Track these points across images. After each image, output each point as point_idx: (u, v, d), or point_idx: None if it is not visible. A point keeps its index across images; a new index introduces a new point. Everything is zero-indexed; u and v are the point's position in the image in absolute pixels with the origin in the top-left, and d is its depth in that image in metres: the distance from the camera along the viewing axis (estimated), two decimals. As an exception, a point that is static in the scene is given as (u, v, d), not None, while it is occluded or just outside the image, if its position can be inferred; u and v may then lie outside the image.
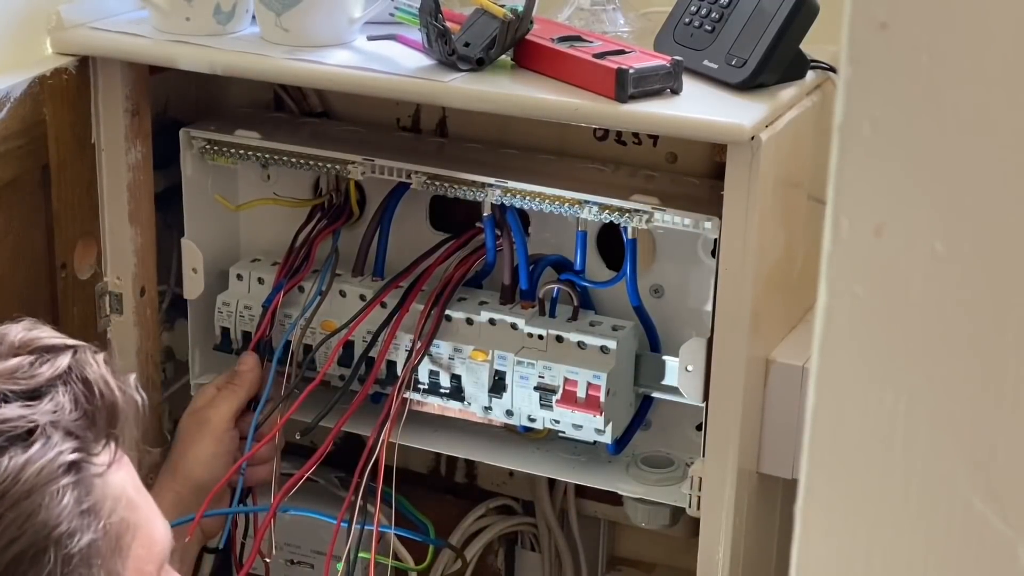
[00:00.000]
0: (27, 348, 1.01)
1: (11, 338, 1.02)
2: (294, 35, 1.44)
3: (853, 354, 0.56)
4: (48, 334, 1.03)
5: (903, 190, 0.54)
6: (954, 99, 0.52)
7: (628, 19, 1.51)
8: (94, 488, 0.98)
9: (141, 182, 1.55)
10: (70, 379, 0.99)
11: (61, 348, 1.01)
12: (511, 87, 1.36)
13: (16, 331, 1.02)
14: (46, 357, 1.00)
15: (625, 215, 1.38)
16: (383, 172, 1.48)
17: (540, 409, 1.44)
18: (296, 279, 1.54)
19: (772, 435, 1.40)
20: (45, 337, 1.02)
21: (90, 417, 0.99)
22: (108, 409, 1.00)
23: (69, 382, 0.99)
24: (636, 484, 1.47)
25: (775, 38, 1.33)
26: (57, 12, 1.47)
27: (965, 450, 0.54)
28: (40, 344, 1.01)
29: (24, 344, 1.01)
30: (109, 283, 1.57)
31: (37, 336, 1.02)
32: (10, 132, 1.41)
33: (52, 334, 1.03)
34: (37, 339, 1.02)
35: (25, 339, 1.01)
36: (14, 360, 1.00)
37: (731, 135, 1.28)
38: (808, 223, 1.42)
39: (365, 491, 1.45)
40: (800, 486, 0.58)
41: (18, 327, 1.03)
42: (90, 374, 1.00)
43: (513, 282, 1.48)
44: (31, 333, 1.02)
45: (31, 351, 1.00)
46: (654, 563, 1.77)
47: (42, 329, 1.03)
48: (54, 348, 1.01)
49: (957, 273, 0.53)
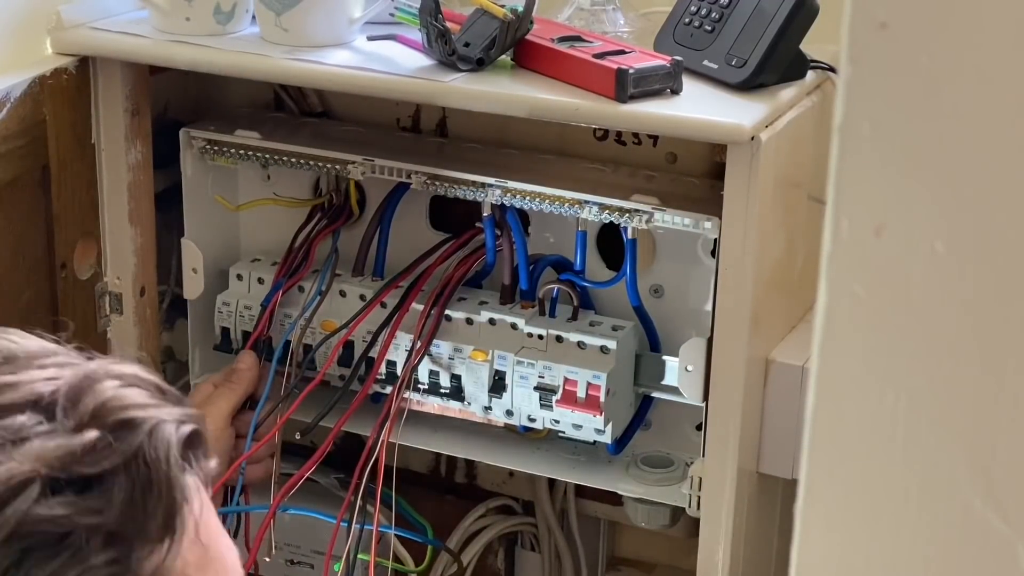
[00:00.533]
0: (104, 417, 0.83)
1: (95, 400, 0.83)
2: (294, 35, 1.44)
3: (853, 354, 0.56)
4: (133, 397, 0.85)
5: (903, 190, 0.54)
6: (954, 99, 0.52)
7: (628, 19, 1.51)
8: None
9: (141, 182, 1.55)
10: (134, 465, 0.82)
11: (140, 423, 0.83)
12: (511, 87, 1.36)
13: (102, 391, 0.84)
14: (121, 434, 0.82)
15: (625, 215, 1.38)
16: (383, 172, 1.48)
17: (540, 409, 1.44)
18: (296, 279, 1.54)
19: (772, 435, 1.40)
20: (129, 403, 0.84)
21: (143, 514, 0.82)
22: (167, 502, 0.83)
23: (131, 468, 0.82)
24: (636, 484, 1.47)
25: (775, 38, 1.33)
26: (57, 12, 1.47)
27: (965, 450, 0.54)
28: (119, 418, 0.83)
29: (103, 411, 0.83)
30: (109, 283, 1.57)
31: (120, 400, 0.84)
32: (10, 132, 1.41)
33: (136, 398, 0.85)
34: (118, 406, 0.84)
35: (107, 404, 0.84)
36: (88, 436, 0.81)
37: (731, 135, 1.28)
38: (808, 223, 1.42)
39: (365, 491, 1.45)
40: (800, 486, 0.58)
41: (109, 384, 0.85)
42: (159, 455, 0.83)
43: (513, 282, 1.48)
44: (117, 393, 0.84)
45: (108, 426, 0.83)
46: (654, 563, 1.77)
47: (129, 388, 0.85)
48: (132, 423, 0.83)
49: (957, 273, 0.53)
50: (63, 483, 0.80)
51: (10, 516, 0.78)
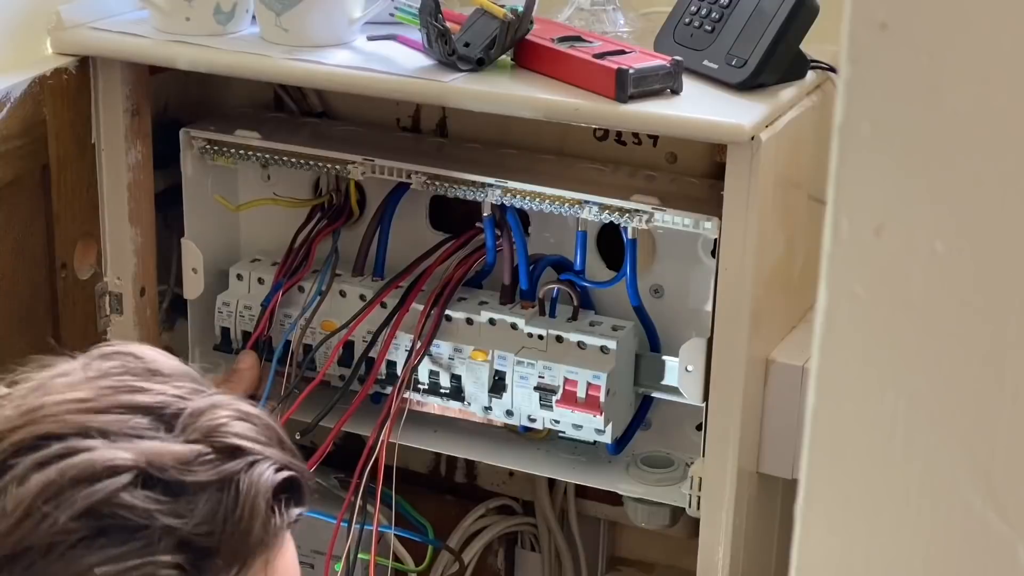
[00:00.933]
0: (214, 438, 0.88)
1: (211, 422, 0.88)
2: (294, 35, 1.44)
3: (853, 354, 0.56)
4: (247, 431, 0.90)
5: (903, 190, 0.54)
6: (954, 99, 0.52)
7: (628, 19, 1.51)
8: None
9: (141, 182, 1.55)
10: (226, 487, 0.86)
11: (245, 452, 0.88)
12: (511, 87, 1.36)
13: (221, 417, 0.89)
14: (223, 457, 0.87)
15: (625, 215, 1.38)
16: (383, 172, 1.48)
17: (540, 409, 1.44)
18: (296, 279, 1.54)
19: (772, 435, 1.40)
20: (242, 434, 0.89)
21: (220, 538, 0.85)
22: (246, 531, 0.87)
23: (223, 489, 0.86)
24: (636, 484, 1.47)
25: (775, 38, 1.33)
26: (57, 12, 1.47)
27: (965, 450, 0.54)
28: (227, 443, 0.88)
29: (215, 433, 0.88)
30: (109, 283, 1.57)
31: (233, 429, 0.89)
32: (10, 132, 1.41)
33: (250, 433, 0.90)
34: (231, 433, 0.89)
35: (221, 428, 0.88)
36: (192, 448, 0.86)
37: (731, 135, 1.28)
38: (808, 223, 1.42)
39: (365, 491, 1.45)
40: (800, 486, 0.58)
41: (231, 414, 0.90)
42: (252, 486, 0.87)
43: (513, 282, 1.48)
44: (235, 424, 0.89)
45: (215, 446, 0.87)
46: (654, 563, 1.77)
47: (247, 423, 0.90)
48: (238, 451, 0.88)
49: (957, 273, 0.53)
50: (155, 481, 0.84)
51: (97, 491, 0.83)
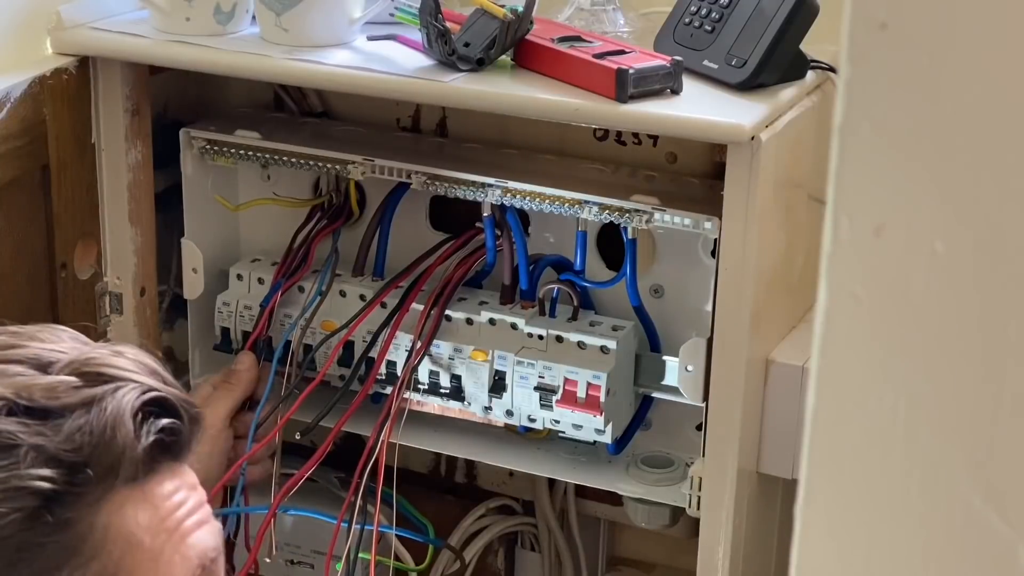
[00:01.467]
0: (82, 369, 0.96)
1: (82, 359, 0.96)
2: (294, 35, 1.44)
3: (853, 354, 0.56)
4: (117, 362, 0.97)
5: (903, 190, 0.54)
6: (954, 99, 0.52)
7: (628, 19, 1.51)
8: (70, 523, 0.92)
9: (141, 182, 1.55)
10: (92, 408, 0.93)
11: (110, 378, 0.95)
12: (511, 87, 1.36)
13: (93, 355, 0.97)
14: (89, 384, 0.95)
15: (625, 215, 1.38)
16: (383, 172, 1.48)
17: (540, 409, 1.44)
18: (295, 279, 1.54)
19: (772, 435, 1.40)
20: (110, 364, 0.96)
21: (90, 453, 0.92)
22: (115, 449, 0.93)
23: (89, 411, 0.93)
24: (636, 484, 1.47)
25: (775, 38, 1.33)
26: (57, 12, 1.47)
27: (965, 450, 0.54)
28: (94, 370, 0.96)
29: (85, 365, 0.96)
30: (109, 283, 1.57)
31: (102, 360, 0.96)
32: (10, 132, 1.41)
33: (120, 363, 0.97)
34: (99, 363, 0.96)
35: (91, 361, 0.96)
36: (61, 378, 0.94)
37: (731, 135, 1.28)
38: (808, 223, 1.42)
39: (365, 491, 1.45)
40: (800, 486, 0.58)
41: (104, 352, 0.97)
42: (117, 407, 0.93)
43: (513, 282, 1.48)
44: (105, 357, 0.97)
45: (82, 374, 0.95)
46: (654, 563, 1.77)
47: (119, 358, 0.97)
48: (103, 377, 0.95)
49: (957, 273, 0.53)
50: (22, 408, 0.92)
51: None
